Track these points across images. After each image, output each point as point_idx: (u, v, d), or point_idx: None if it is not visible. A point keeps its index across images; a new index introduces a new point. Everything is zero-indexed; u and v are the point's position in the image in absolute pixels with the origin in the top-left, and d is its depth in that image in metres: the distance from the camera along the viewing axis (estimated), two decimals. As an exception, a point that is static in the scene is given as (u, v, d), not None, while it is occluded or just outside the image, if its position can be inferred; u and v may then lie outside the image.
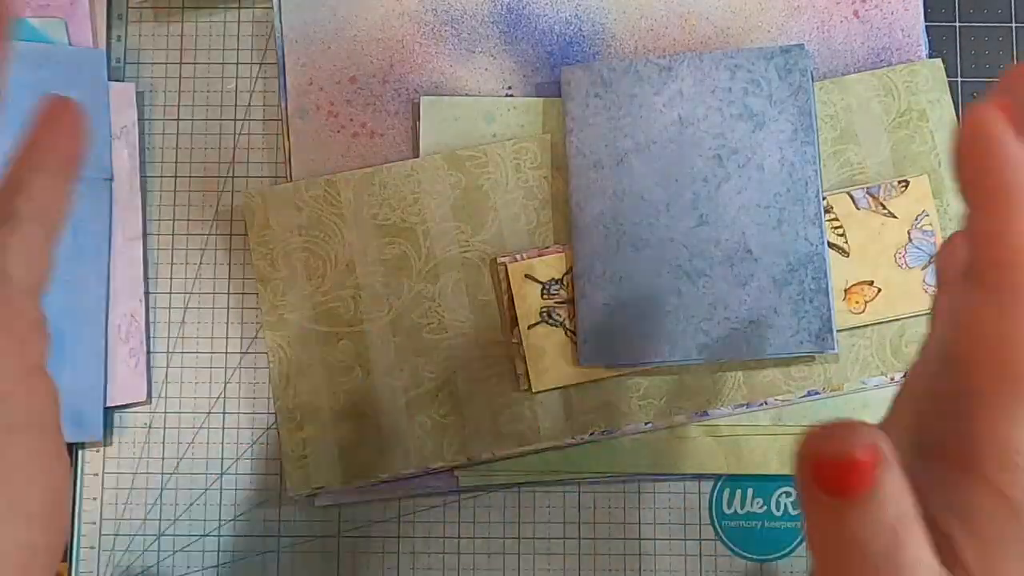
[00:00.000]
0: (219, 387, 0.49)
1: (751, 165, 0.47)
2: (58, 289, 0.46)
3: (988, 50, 0.51)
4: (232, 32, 0.52)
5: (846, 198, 0.47)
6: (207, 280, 0.50)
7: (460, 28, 0.50)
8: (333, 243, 0.48)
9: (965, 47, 0.51)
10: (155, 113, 0.51)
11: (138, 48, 0.52)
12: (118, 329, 0.49)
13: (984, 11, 0.52)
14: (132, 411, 0.49)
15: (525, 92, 0.50)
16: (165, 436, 0.49)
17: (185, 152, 0.51)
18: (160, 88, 0.51)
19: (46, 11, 0.50)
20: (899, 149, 0.48)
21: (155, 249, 0.50)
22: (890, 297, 0.47)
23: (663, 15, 0.50)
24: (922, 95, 0.49)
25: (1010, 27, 0.51)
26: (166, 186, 0.51)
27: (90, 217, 0.49)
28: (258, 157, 0.51)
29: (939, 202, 0.48)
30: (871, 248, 0.47)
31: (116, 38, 0.52)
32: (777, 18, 0.50)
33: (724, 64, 0.48)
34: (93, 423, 0.48)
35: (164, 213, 0.51)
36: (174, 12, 0.52)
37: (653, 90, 0.48)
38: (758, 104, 0.47)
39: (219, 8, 0.52)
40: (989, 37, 0.51)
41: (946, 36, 0.51)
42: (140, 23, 0.52)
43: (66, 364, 0.47)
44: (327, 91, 0.50)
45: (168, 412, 0.49)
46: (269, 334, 0.48)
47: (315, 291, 0.48)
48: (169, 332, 0.50)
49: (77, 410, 0.47)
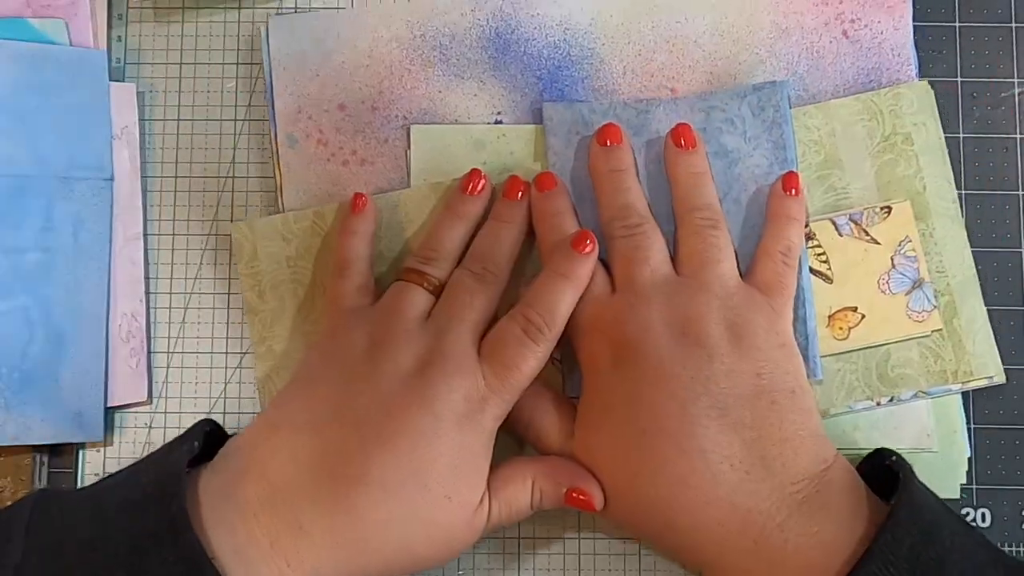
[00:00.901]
0: (219, 387, 0.50)
1: (728, 200, 0.47)
2: (58, 289, 0.48)
3: (988, 50, 0.51)
4: (232, 32, 0.52)
5: (829, 225, 0.48)
6: (207, 280, 0.50)
7: (449, 54, 0.50)
8: (322, 274, 0.48)
9: (965, 47, 0.51)
10: (155, 113, 0.51)
11: (138, 48, 0.52)
12: (118, 329, 0.49)
13: (984, 11, 0.51)
14: (132, 411, 0.50)
15: (515, 117, 0.50)
16: (165, 436, 0.49)
17: (185, 152, 0.51)
18: (160, 88, 0.52)
19: (46, 11, 0.50)
20: (884, 173, 0.48)
21: (155, 249, 0.51)
22: (873, 323, 0.47)
23: (651, 39, 0.50)
24: (907, 118, 0.49)
25: (1010, 27, 0.51)
26: (166, 186, 0.51)
27: (90, 217, 0.49)
28: (258, 157, 0.51)
29: (923, 226, 0.48)
30: (854, 274, 0.48)
31: (116, 38, 0.52)
32: (765, 40, 0.50)
33: (699, 106, 0.48)
34: (94, 423, 0.48)
35: (164, 213, 0.51)
36: (174, 12, 0.52)
37: (632, 131, 0.48)
38: (733, 142, 0.48)
39: (219, 8, 0.52)
40: (989, 37, 0.51)
41: (946, 36, 0.51)
42: (140, 23, 0.52)
43: (66, 364, 0.48)
44: (316, 119, 0.50)
45: (168, 412, 0.50)
46: (258, 365, 0.49)
47: (304, 321, 0.48)
48: (169, 332, 0.50)
49: (77, 410, 0.48)
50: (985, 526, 0.48)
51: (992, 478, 0.48)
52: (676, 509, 0.40)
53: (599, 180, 0.47)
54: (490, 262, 0.45)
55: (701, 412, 0.40)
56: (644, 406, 0.41)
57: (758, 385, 0.41)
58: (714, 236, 0.45)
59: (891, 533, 0.37)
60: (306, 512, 0.38)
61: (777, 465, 0.39)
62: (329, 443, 0.40)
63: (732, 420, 0.40)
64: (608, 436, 0.42)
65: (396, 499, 0.39)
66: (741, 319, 0.42)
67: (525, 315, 0.43)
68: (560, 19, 0.50)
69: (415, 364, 0.41)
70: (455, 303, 0.44)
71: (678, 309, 0.42)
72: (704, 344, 0.41)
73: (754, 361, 0.41)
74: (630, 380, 0.42)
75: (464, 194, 0.47)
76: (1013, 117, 0.51)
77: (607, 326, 0.43)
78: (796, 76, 0.50)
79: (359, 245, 0.47)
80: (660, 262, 0.44)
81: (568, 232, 0.46)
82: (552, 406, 0.45)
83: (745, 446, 0.40)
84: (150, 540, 0.36)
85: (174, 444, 0.42)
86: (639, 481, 0.40)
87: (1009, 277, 0.50)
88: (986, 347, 0.47)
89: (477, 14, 0.51)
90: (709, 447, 0.40)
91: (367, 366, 0.41)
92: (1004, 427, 0.49)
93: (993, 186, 0.50)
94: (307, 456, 0.39)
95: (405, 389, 0.40)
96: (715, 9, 0.50)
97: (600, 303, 0.44)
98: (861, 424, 0.48)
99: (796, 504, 0.39)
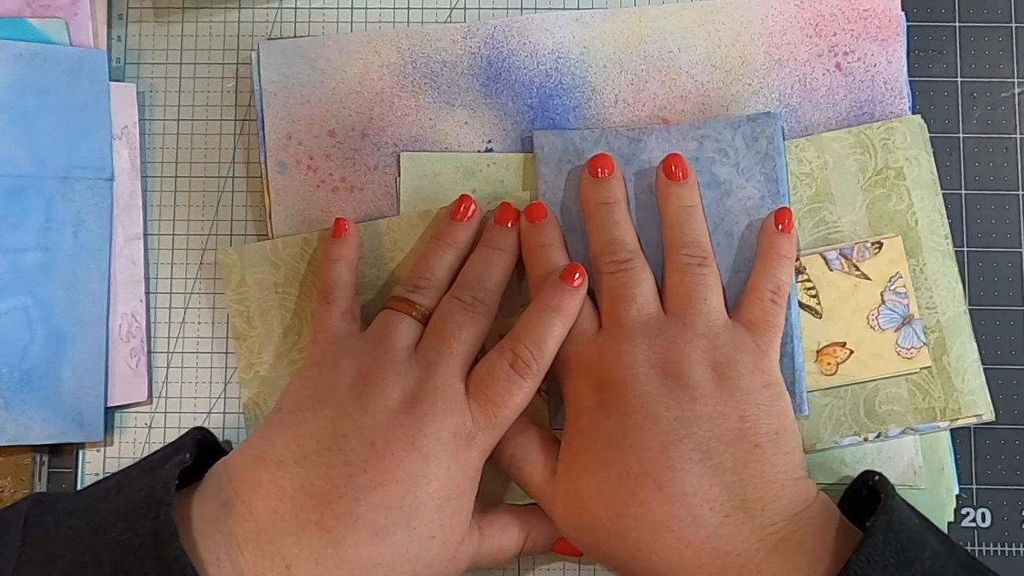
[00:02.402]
0: (219, 387, 0.50)
1: (720, 232, 0.47)
2: (58, 289, 0.48)
3: (988, 50, 0.51)
4: (232, 32, 0.52)
5: (819, 259, 0.48)
6: (207, 280, 0.50)
7: (439, 81, 0.50)
8: (310, 301, 0.48)
9: (965, 47, 0.51)
10: (155, 113, 0.51)
11: (138, 48, 0.52)
12: (119, 329, 0.49)
13: (984, 11, 0.51)
14: (133, 411, 0.50)
15: (505, 146, 0.50)
16: (165, 436, 0.50)
17: (185, 152, 0.51)
18: (160, 88, 0.52)
19: (46, 11, 0.50)
20: (875, 208, 0.48)
21: (155, 249, 0.51)
22: (862, 359, 0.47)
23: (643, 69, 0.50)
24: (899, 152, 0.49)
25: (1010, 27, 0.51)
26: (166, 186, 0.51)
27: (90, 217, 0.49)
28: (258, 157, 0.51)
29: (914, 261, 0.48)
30: (844, 309, 0.47)
31: (116, 38, 0.52)
32: (758, 71, 0.50)
33: (691, 135, 0.48)
34: (94, 423, 0.48)
35: (164, 213, 0.51)
36: (174, 12, 0.52)
37: (623, 160, 0.48)
38: (725, 172, 0.48)
39: (219, 8, 0.52)
40: (989, 37, 0.51)
41: (946, 36, 0.51)
42: (140, 23, 0.52)
43: (67, 364, 0.48)
44: (306, 145, 0.50)
45: (168, 412, 0.50)
46: (244, 390, 0.48)
47: (291, 348, 0.48)
48: (169, 332, 0.50)
49: (78, 410, 0.48)
50: (985, 526, 0.48)
51: (992, 478, 0.48)
52: (657, 551, 0.39)
53: (589, 212, 0.47)
54: (479, 291, 0.45)
55: (683, 455, 0.40)
56: (627, 448, 0.41)
57: (741, 428, 0.41)
58: (701, 274, 0.44)
59: (866, 556, 0.36)
60: (291, 550, 0.38)
61: (757, 508, 0.39)
62: (316, 480, 0.39)
63: (714, 463, 0.40)
64: (591, 477, 0.41)
65: (384, 543, 0.39)
66: (726, 359, 0.42)
67: (513, 349, 0.43)
68: (552, 48, 0.50)
69: (403, 400, 0.41)
70: (444, 335, 0.43)
71: (662, 349, 0.42)
72: (687, 385, 0.41)
73: (738, 404, 0.41)
74: (614, 421, 0.41)
75: (454, 220, 0.47)
76: (1013, 117, 0.51)
77: (591, 365, 0.43)
78: (789, 108, 0.50)
79: (342, 271, 0.47)
80: (647, 300, 0.44)
81: (558, 264, 0.45)
82: (537, 443, 0.45)
83: (726, 489, 0.39)
84: (136, 553, 0.36)
85: (167, 452, 0.42)
86: (621, 523, 0.40)
87: (1009, 277, 0.50)
88: (976, 384, 0.47)
89: (469, 41, 0.50)
90: (690, 490, 0.39)
91: (354, 400, 0.41)
92: (1004, 427, 0.49)
93: (993, 186, 0.50)
94: (293, 492, 0.39)
95: (393, 427, 0.40)
96: (708, 39, 0.50)
97: (585, 341, 0.44)
98: (848, 459, 0.47)
99: (773, 544, 0.38)
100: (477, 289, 0.45)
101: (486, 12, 0.51)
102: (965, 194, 0.50)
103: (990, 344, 0.49)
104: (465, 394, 0.42)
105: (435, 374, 0.42)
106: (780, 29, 0.50)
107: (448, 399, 0.41)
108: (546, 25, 0.50)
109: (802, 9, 0.50)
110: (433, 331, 0.44)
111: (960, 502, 0.48)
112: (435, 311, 0.45)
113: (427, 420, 0.40)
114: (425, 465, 0.40)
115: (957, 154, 0.50)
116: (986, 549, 0.48)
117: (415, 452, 0.40)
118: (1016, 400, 0.49)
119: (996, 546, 0.48)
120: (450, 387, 0.42)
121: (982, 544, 0.48)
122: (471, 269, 0.46)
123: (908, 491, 0.47)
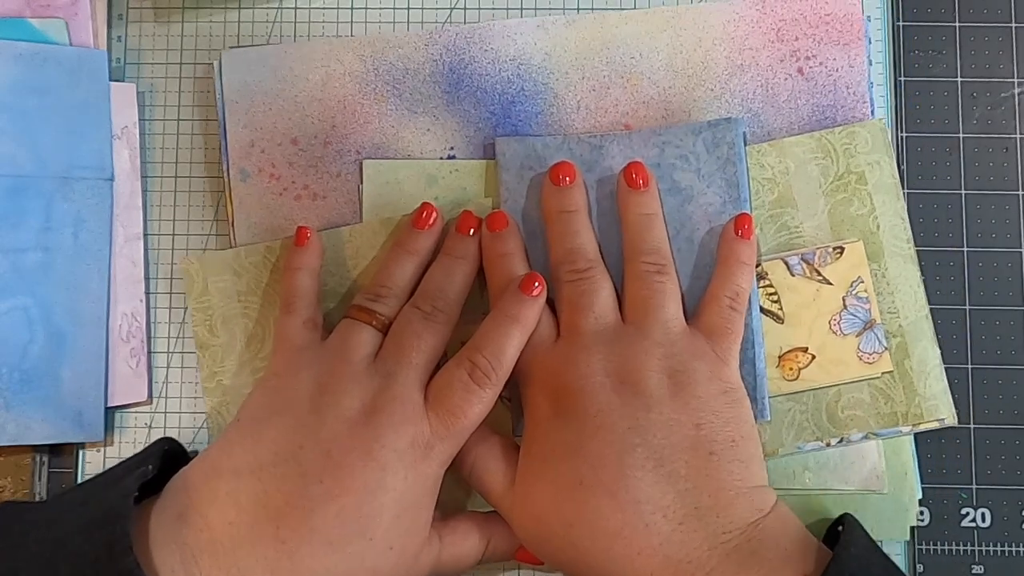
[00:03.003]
0: None
1: (680, 238, 0.47)
2: (58, 289, 0.48)
3: (988, 50, 0.51)
4: (232, 32, 0.52)
5: (781, 265, 0.48)
6: None
7: (402, 88, 0.50)
8: (273, 309, 0.48)
9: (965, 47, 0.51)
10: (155, 113, 0.51)
11: (138, 48, 0.52)
12: (119, 329, 0.49)
13: (984, 11, 0.52)
14: (133, 411, 0.50)
15: (468, 152, 0.50)
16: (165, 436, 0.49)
17: (185, 152, 0.51)
18: (160, 88, 0.52)
19: (46, 11, 0.50)
20: (837, 212, 0.48)
21: (155, 249, 0.51)
22: (824, 364, 0.47)
23: (605, 75, 0.50)
24: (861, 157, 0.49)
25: (1010, 27, 0.51)
26: (166, 186, 0.51)
27: (90, 217, 0.49)
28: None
29: (876, 266, 0.48)
30: (806, 314, 0.47)
31: (116, 38, 0.52)
32: (720, 77, 0.50)
33: (653, 141, 0.48)
34: (94, 423, 0.48)
35: (164, 213, 0.51)
36: (174, 12, 0.52)
37: (585, 167, 0.48)
38: (687, 179, 0.48)
39: (219, 8, 0.52)
40: (989, 37, 0.51)
41: (946, 36, 0.51)
42: (140, 23, 0.52)
43: (67, 364, 0.48)
44: (268, 153, 0.50)
45: (168, 412, 0.50)
46: (208, 400, 0.48)
47: (254, 357, 0.48)
48: (169, 332, 0.50)
49: (78, 410, 0.48)
50: (985, 526, 0.48)
51: (992, 478, 0.49)
52: (610, 559, 0.39)
53: (550, 221, 0.47)
54: (440, 300, 0.45)
55: (637, 463, 0.40)
56: (582, 457, 0.41)
57: (696, 436, 0.41)
58: (659, 282, 0.44)
59: None
60: (246, 561, 0.38)
61: (711, 516, 0.39)
62: (271, 491, 0.39)
63: (667, 471, 0.40)
64: (547, 485, 0.41)
65: (340, 553, 0.39)
66: (683, 367, 0.42)
67: (472, 359, 0.43)
68: (514, 54, 0.50)
69: (361, 410, 0.41)
70: (403, 345, 0.43)
71: (619, 358, 0.42)
72: (642, 394, 0.41)
73: (693, 411, 0.41)
74: (570, 430, 0.41)
75: (415, 228, 0.47)
76: (1013, 117, 0.51)
77: (548, 374, 0.43)
78: (751, 113, 0.50)
79: (304, 280, 0.47)
80: (605, 309, 0.44)
81: (517, 273, 0.45)
82: (498, 451, 0.45)
83: (679, 497, 0.40)
84: (92, 566, 0.36)
85: (132, 464, 0.42)
86: (574, 532, 0.40)
87: (1009, 277, 0.50)
88: (938, 389, 0.47)
89: (431, 48, 0.50)
90: (643, 498, 0.39)
91: (312, 411, 0.41)
92: (1004, 427, 0.49)
93: (993, 186, 0.50)
94: (248, 502, 0.39)
95: (351, 437, 0.40)
96: (670, 45, 0.50)
97: (544, 350, 0.44)
98: (811, 464, 0.47)
99: (726, 553, 0.38)
100: (437, 298, 0.45)
101: (486, 12, 0.51)
102: (965, 194, 0.50)
103: (990, 344, 0.49)
104: (424, 404, 0.42)
105: (394, 384, 0.42)
106: (742, 34, 0.50)
107: (406, 409, 0.41)
108: (507, 32, 0.50)
109: (764, 14, 0.50)
110: (392, 340, 0.44)
111: (960, 502, 0.48)
112: (395, 320, 0.45)
113: (384, 430, 0.40)
114: (382, 475, 0.40)
115: (957, 154, 0.50)
116: (986, 549, 0.48)
117: (372, 462, 0.40)
118: (1016, 400, 0.49)
119: (996, 546, 0.48)
120: (408, 397, 0.42)
121: (982, 544, 0.48)
122: (432, 278, 0.46)
123: (870, 496, 0.47)
